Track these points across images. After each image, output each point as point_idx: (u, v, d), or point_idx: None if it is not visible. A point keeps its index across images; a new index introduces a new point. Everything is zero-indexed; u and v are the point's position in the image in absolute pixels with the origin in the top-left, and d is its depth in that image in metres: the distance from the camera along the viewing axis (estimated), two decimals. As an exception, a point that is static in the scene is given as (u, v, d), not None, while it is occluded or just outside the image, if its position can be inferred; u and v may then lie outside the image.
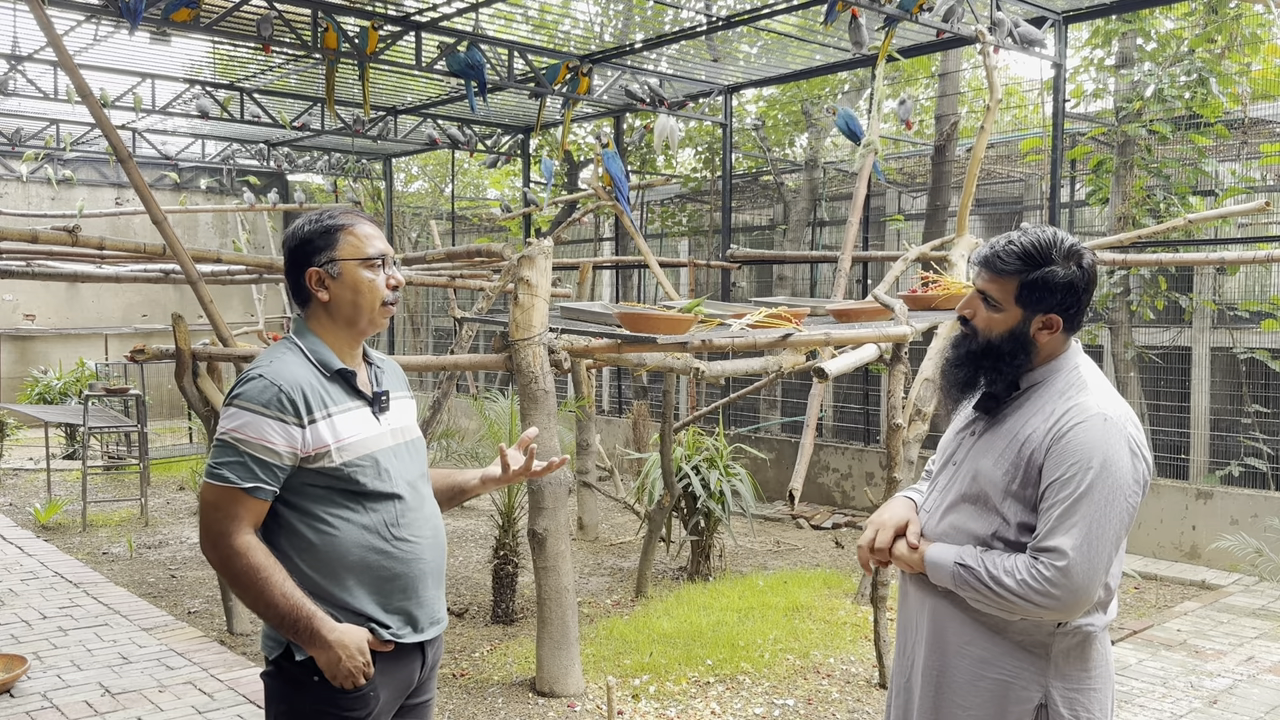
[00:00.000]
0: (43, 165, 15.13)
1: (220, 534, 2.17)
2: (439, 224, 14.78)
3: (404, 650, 2.34)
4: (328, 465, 2.22)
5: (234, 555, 2.16)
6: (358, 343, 2.40)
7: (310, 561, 2.24)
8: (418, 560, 2.34)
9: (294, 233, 2.37)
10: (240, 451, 2.17)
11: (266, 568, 2.17)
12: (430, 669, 2.45)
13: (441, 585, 2.46)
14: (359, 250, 2.33)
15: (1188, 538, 7.57)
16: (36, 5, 5.27)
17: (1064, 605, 2.04)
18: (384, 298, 2.35)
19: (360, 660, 2.21)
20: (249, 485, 2.17)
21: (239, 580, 2.17)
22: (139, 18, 6.95)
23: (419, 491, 2.40)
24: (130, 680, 4.87)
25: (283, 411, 2.19)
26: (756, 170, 13.68)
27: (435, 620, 2.41)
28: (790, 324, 4.45)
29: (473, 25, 8.92)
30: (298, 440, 2.20)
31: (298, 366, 2.27)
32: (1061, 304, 2.17)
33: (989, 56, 6.51)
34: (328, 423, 2.24)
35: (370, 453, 2.29)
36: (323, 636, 2.17)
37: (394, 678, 2.33)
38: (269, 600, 2.16)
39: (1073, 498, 2.05)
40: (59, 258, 8.11)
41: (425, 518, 2.38)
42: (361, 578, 2.26)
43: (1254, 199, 7.60)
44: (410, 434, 2.46)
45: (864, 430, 10.66)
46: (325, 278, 2.32)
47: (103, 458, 11.47)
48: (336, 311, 2.34)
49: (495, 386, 13.05)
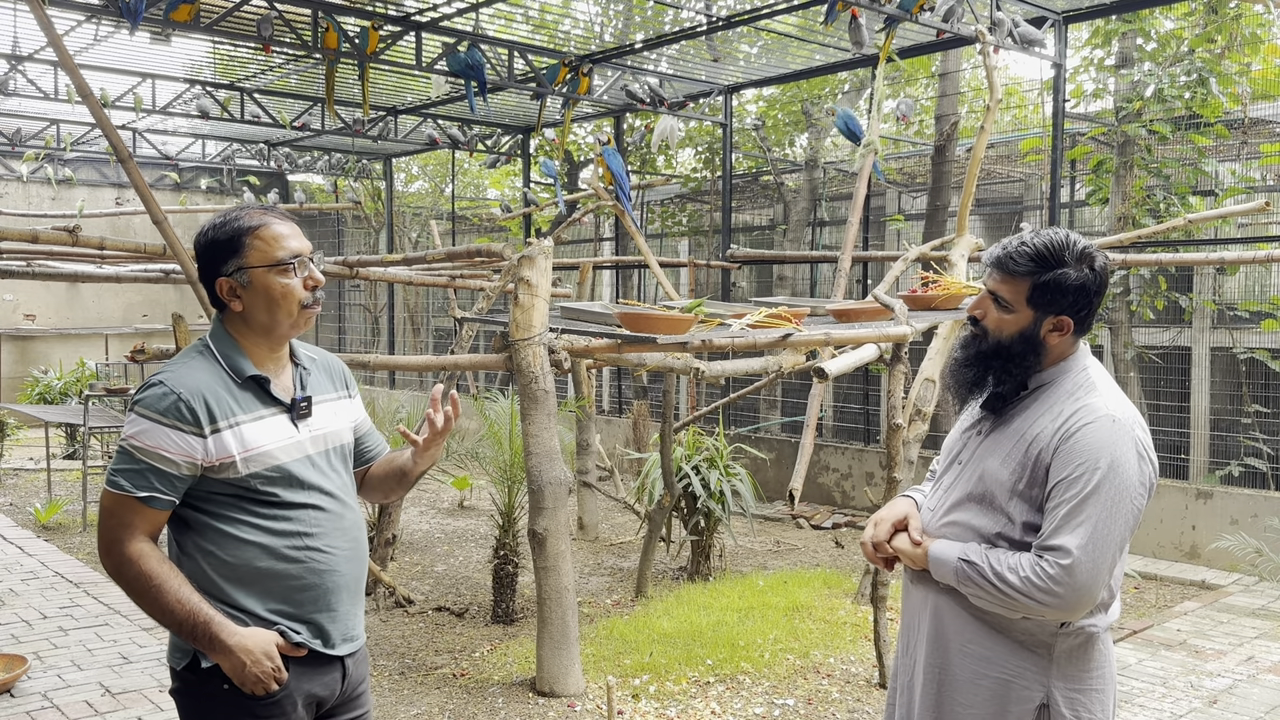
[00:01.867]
0: (43, 165, 15.14)
1: (114, 541, 2.11)
2: (439, 224, 14.77)
3: (320, 658, 2.23)
4: (233, 476, 2.14)
5: (126, 562, 2.10)
6: (279, 346, 2.28)
7: (217, 567, 2.16)
8: (332, 572, 2.23)
9: (201, 236, 2.23)
10: (137, 460, 2.10)
11: (159, 574, 2.09)
12: (356, 685, 2.35)
13: (359, 600, 2.34)
14: (268, 255, 2.19)
15: (1188, 538, 7.57)
16: (36, 5, 5.27)
17: (1067, 604, 2.04)
18: (301, 300, 2.22)
19: (268, 665, 2.12)
20: (144, 495, 2.10)
21: (133, 587, 2.10)
22: (139, 18, 6.95)
23: (339, 500, 2.28)
24: (130, 680, 4.87)
25: (180, 420, 2.10)
26: (756, 170, 13.68)
27: (349, 637, 2.30)
28: (790, 324, 4.45)
29: (473, 25, 8.92)
30: (198, 450, 2.11)
31: (203, 373, 2.17)
32: (1073, 306, 2.17)
33: (989, 56, 6.51)
34: (233, 432, 2.14)
35: (280, 463, 2.19)
36: (223, 641, 2.09)
37: (310, 683, 2.22)
38: (164, 606, 2.09)
39: (1079, 497, 2.05)
40: (59, 258, 8.11)
41: (344, 529, 2.27)
42: (269, 586, 2.17)
43: (1254, 199, 7.60)
44: (337, 439, 2.34)
45: (864, 430, 10.66)
46: (236, 287, 2.20)
47: (103, 458, 11.45)
48: (252, 319, 2.21)
49: (495, 386, 13.05)
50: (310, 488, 2.23)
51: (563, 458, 4.85)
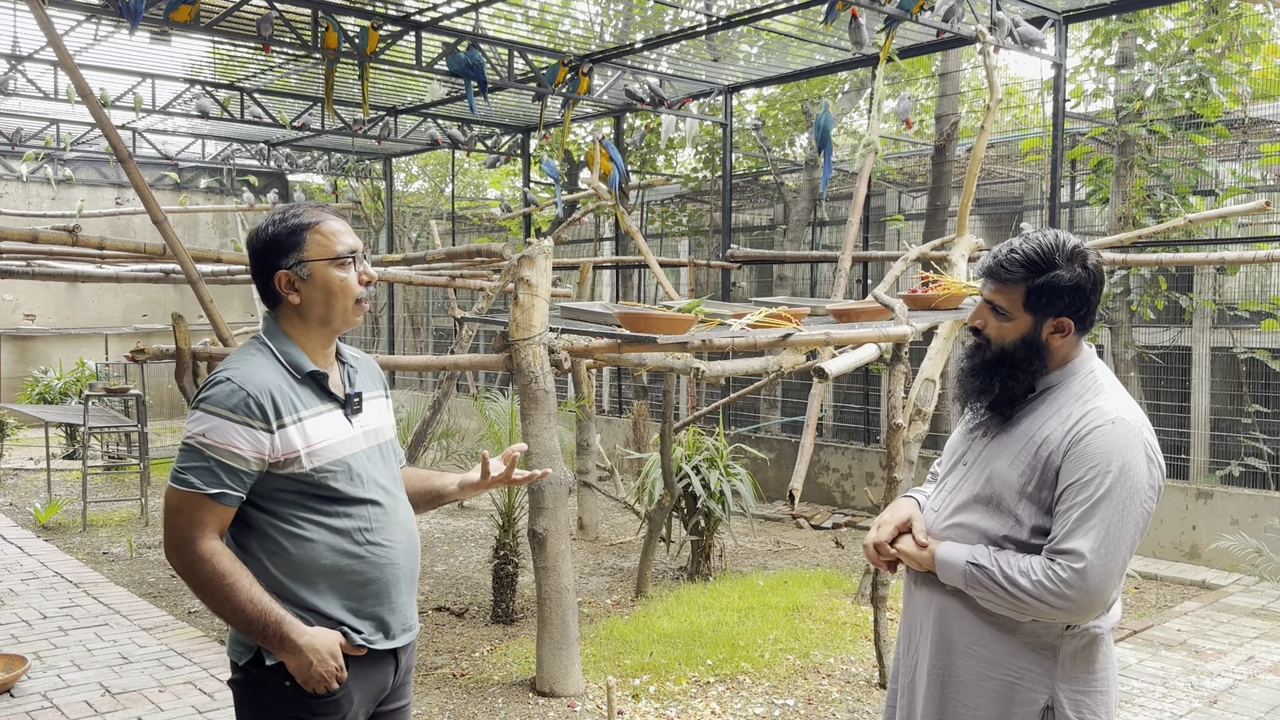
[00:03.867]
0: (43, 165, 15.14)
1: (184, 539, 2.12)
2: (439, 224, 14.78)
3: (377, 655, 2.29)
4: (298, 471, 2.17)
5: (199, 561, 2.11)
6: (331, 342, 2.33)
7: (281, 565, 2.18)
8: (391, 565, 2.28)
9: (258, 234, 2.28)
10: (206, 456, 2.11)
11: (232, 573, 2.11)
12: (404, 674, 2.40)
13: (414, 591, 2.39)
14: (328, 249, 2.25)
15: (1188, 538, 7.57)
16: (36, 5, 5.27)
17: (1078, 607, 2.04)
18: (357, 295, 2.28)
19: (333, 664, 2.16)
20: (214, 491, 2.11)
21: (204, 586, 2.12)
22: (139, 18, 6.95)
23: (393, 495, 2.34)
24: (130, 680, 4.87)
25: (250, 416, 2.13)
26: (756, 170, 13.68)
27: (407, 627, 2.36)
28: (790, 324, 4.45)
29: (473, 25, 8.92)
30: (265, 446, 2.14)
31: (267, 369, 2.21)
32: (1070, 306, 2.16)
33: (989, 56, 6.51)
34: (298, 427, 2.18)
35: (342, 457, 2.23)
36: (293, 641, 2.12)
37: (367, 682, 2.28)
38: (236, 605, 2.11)
39: (1091, 500, 2.04)
40: (59, 258, 8.11)
41: (399, 522, 2.33)
42: (334, 582, 2.21)
43: (1254, 199, 7.59)
44: (384, 435, 2.40)
45: (864, 430, 10.66)
46: (295, 280, 2.25)
47: (103, 458, 11.46)
48: (309, 313, 2.26)
49: (495, 386, 13.05)
50: (368, 482, 2.27)
51: (563, 458, 4.85)
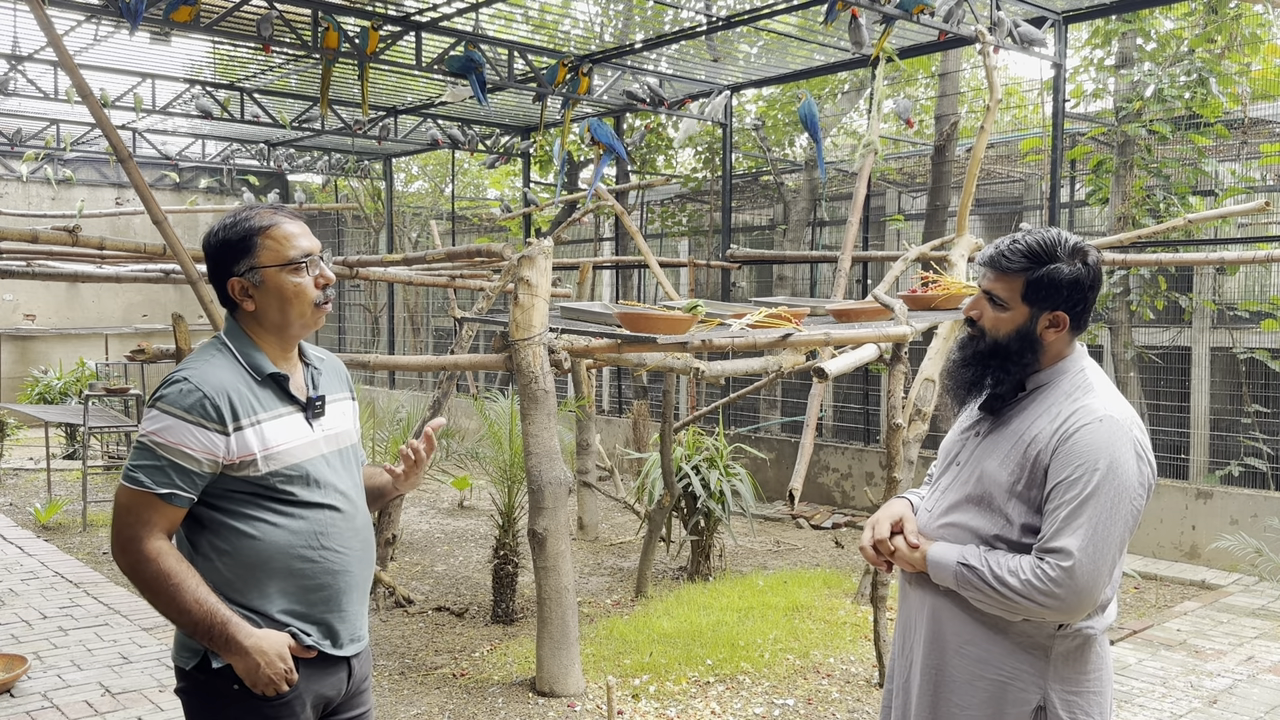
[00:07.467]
0: (43, 165, 15.14)
1: (131, 538, 2.09)
2: (439, 224, 14.77)
3: (328, 659, 2.25)
4: (253, 474, 2.14)
5: (144, 560, 2.08)
6: (292, 345, 2.29)
7: (231, 565, 2.15)
8: (345, 573, 2.25)
9: (211, 237, 2.22)
10: (159, 456, 2.08)
11: (178, 573, 2.08)
12: (359, 683, 2.36)
13: (365, 601, 2.36)
14: (280, 255, 2.19)
15: (1188, 537, 7.57)
16: (36, 5, 5.27)
17: (1067, 606, 2.04)
18: (314, 299, 2.23)
19: (281, 667, 2.12)
20: (164, 491, 2.08)
21: (150, 586, 2.09)
22: (139, 18, 6.95)
23: (352, 501, 2.29)
24: (130, 680, 4.87)
25: (204, 418, 2.09)
26: (756, 170, 13.68)
27: (355, 638, 2.31)
28: (790, 324, 4.45)
29: (473, 25, 8.93)
30: (219, 448, 2.10)
31: (226, 370, 2.17)
32: (1068, 301, 2.17)
33: (989, 56, 6.50)
34: (255, 430, 2.14)
35: (299, 461, 2.20)
36: (239, 642, 2.09)
37: (319, 685, 2.24)
38: (182, 606, 2.07)
39: (1079, 499, 2.05)
40: (59, 258, 8.10)
41: (355, 529, 2.29)
42: (284, 585, 2.17)
43: (1254, 199, 7.59)
44: (346, 440, 2.36)
45: (864, 430, 10.66)
46: (248, 287, 2.20)
47: (103, 457, 11.47)
48: (265, 319, 2.22)
49: (495, 386, 13.05)
50: (326, 487, 2.24)
51: (563, 458, 4.85)
